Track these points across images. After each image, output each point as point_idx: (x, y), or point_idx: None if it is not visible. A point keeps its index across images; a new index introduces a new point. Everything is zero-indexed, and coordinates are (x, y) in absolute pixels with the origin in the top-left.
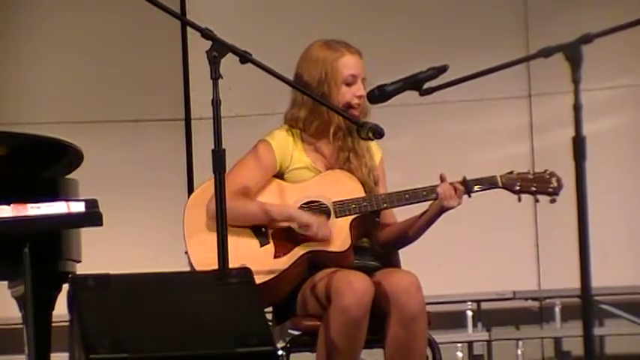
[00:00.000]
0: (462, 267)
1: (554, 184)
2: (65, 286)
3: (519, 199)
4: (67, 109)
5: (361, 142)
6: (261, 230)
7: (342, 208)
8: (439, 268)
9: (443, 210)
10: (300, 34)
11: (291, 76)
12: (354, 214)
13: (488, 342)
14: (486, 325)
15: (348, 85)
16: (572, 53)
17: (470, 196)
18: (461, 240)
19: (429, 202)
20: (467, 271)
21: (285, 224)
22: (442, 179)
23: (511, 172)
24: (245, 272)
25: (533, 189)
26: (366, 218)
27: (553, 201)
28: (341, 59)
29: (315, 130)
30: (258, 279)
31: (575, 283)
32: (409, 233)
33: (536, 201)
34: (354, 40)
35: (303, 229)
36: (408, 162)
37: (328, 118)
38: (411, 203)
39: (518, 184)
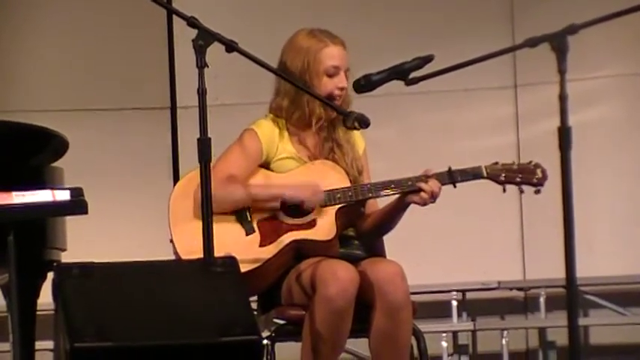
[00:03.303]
0: (447, 257)
1: (539, 175)
2: (50, 275)
3: (504, 190)
4: (53, 97)
5: (344, 132)
6: (246, 219)
7: (328, 197)
8: (424, 257)
9: (410, 203)
10: (286, 24)
11: (277, 65)
12: (340, 203)
13: (473, 332)
14: (471, 314)
15: (330, 76)
16: (558, 43)
17: (455, 187)
18: (446, 229)
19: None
20: (452, 260)
21: (275, 204)
22: (427, 176)
23: (496, 163)
24: (230, 261)
25: (518, 180)
26: (352, 208)
27: (538, 192)
28: (324, 50)
29: (296, 120)
30: (244, 267)
31: (560, 274)
32: (385, 221)
33: (521, 192)
34: (340, 30)
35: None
36: (393, 152)
37: (309, 109)
38: (397, 193)
39: (503, 174)
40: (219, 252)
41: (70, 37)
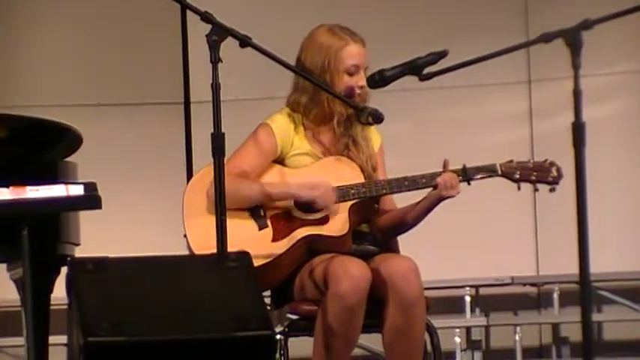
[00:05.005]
0: (461, 252)
1: (554, 173)
2: (64, 269)
3: (519, 188)
4: (66, 91)
5: (360, 129)
6: (259, 214)
7: (342, 193)
8: (438, 253)
9: (441, 199)
10: (300, 18)
11: (290, 60)
12: (353, 199)
13: (486, 327)
14: (484, 310)
15: (350, 74)
16: (572, 39)
17: (469, 184)
18: (460, 225)
19: (429, 189)
20: (465, 256)
21: (286, 202)
22: (445, 166)
23: (511, 161)
24: (244, 256)
25: (533, 178)
26: (365, 204)
27: (552, 190)
28: (345, 48)
29: (314, 117)
30: (257, 262)
31: (573, 269)
32: (407, 220)
33: (536, 190)
34: (354, 24)
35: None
36: (407, 147)
37: (328, 107)
38: (411, 190)
39: (518, 172)
40: (231, 247)
41: (84, 30)
